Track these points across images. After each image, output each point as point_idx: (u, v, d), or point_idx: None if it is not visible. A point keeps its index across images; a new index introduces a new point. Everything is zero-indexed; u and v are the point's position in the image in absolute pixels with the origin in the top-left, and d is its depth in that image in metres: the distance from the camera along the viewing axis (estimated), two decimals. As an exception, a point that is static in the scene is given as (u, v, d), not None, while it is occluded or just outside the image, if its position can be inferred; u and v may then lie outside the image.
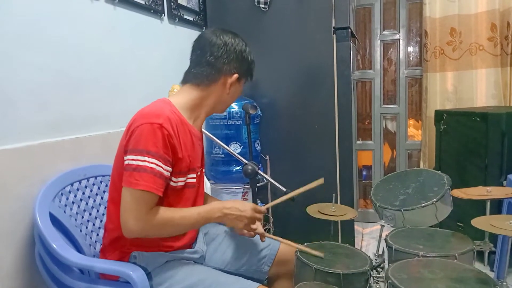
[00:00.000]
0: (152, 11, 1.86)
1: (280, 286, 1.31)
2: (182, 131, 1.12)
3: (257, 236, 1.30)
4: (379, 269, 1.24)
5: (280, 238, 1.27)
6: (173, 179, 1.11)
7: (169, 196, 1.12)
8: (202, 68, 1.18)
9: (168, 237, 1.15)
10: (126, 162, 1.04)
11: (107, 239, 1.17)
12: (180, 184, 1.13)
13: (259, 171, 1.58)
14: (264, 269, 1.30)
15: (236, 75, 1.19)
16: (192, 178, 1.18)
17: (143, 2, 1.79)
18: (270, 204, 1.33)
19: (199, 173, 1.24)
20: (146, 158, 1.01)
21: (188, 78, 1.21)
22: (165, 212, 1.07)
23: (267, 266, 1.30)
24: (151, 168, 1.01)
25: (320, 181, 1.28)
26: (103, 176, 1.43)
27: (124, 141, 1.09)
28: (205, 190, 1.37)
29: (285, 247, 1.32)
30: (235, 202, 1.19)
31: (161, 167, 1.03)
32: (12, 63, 1.19)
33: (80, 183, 1.34)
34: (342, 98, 2.11)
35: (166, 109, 1.10)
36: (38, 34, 1.27)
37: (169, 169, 1.07)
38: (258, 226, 1.24)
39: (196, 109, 1.20)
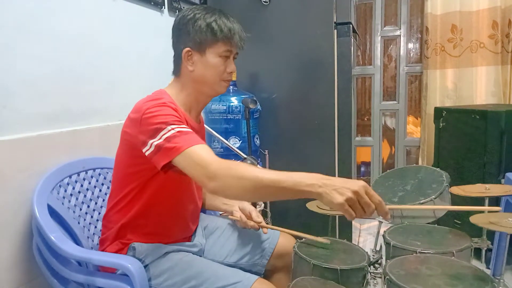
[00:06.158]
0: (152, 3, 1.84)
1: (278, 279, 1.31)
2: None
3: (255, 232, 1.30)
4: (376, 265, 1.24)
5: (302, 234, 1.22)
6: None
7: (171, 179, 1.07)
8: (173, 56, 1.18)
9: (167, 228, 1.15)
10: (154, 146, 0.96)
11: (106, 229, 1.17)
12: None
13: (258, 166, 1.58)
14: (262, 262, 1.30)
15: (186, 49, 1.12)
16: None
17: (143, -6, 1.78)
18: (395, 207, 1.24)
19: None
20: (169, 127, 0.96)
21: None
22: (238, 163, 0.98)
23: (265, 260, 1.30)
24: (179, 131, 0.96)
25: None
26: (102, 168, 1.42)
27: (136, 134, 1.02)
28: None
29: (283, 240, 1.33)
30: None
31: (186, 127, 0.99)
32: (11, 54, 1.18)
33: (78, 175, 1.34)
34: (342, 93, 2.10)
35: (164, 97, 1.09)
36: (37, 26, 1.26)
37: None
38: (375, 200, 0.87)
39: (184, 99, 1.16)
